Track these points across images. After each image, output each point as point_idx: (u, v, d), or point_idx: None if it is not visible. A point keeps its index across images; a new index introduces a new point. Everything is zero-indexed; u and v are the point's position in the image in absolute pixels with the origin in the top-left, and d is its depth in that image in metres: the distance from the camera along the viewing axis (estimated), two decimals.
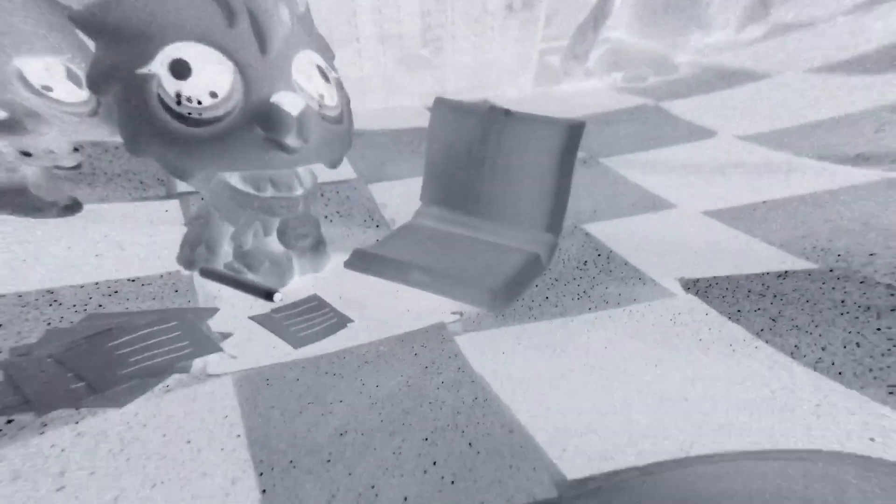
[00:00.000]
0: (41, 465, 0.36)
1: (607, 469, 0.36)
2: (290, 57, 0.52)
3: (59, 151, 0.65)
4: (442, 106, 0.73)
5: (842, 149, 0.95)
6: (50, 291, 0.54)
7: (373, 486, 0.36)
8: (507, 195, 0.69)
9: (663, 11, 1.66)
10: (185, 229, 0.65)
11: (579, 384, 0.46)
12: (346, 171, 0.99)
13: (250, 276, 0.61)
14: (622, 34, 1.70)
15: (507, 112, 0.68)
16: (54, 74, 0.61)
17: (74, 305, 0.53)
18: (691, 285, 0.61)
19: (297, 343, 0.52)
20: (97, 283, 0.57)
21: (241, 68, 0.49)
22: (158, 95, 0.47)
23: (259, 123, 0.49)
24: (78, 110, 0.63)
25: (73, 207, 0.70)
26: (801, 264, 0.64)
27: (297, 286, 0.62)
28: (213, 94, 0.48)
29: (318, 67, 0.55)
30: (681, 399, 0.44)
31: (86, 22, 0.47)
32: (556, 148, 0.65)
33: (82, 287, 0.56)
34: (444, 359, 0.50)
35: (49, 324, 0.50)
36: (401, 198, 0.86)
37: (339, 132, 0.59)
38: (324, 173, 0.65)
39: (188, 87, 0.47)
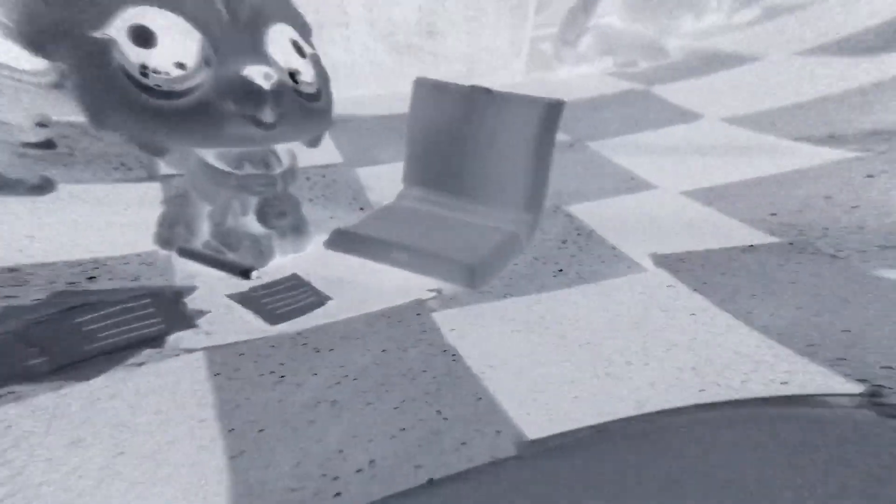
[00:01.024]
0: None
1: (566, 429, 0.37)
2: (262, 29, 0.51)
3: (17, 125, 0.62)
4: (423, 85, 0.72)
5: (818, 130, 0.98)
6: (13, 270, 0.53)
7: (340, 451, 0.37)
8: (488, 174, 0.69)
9: None
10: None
11: (549, 355, 0.47)
12: (332, 155, 0.99)
13: (229, 256, 0.61)
14: (613, 19, 1.69)
15: (488, 91, 0.68)
16: None
17: (41, 284, 0.52)
18: (662, 260, 0.63)
19: (273, 320, 0.53)
20: (69, 262, 0.57)
21: (209, 38, 0.48)
22: (122, 65, 0.46)
23: (230, 97, 0.49)
24: (35, 80, 0.56)
25: (43, 187, 0.67)
26: (766, 239, 0.67)
27: (278, 266, 0.62)
28: (181, 66, 0.47)
29: (293, 42, 0.55)
30: (639, 362, 0.45)
31: None
32: (535, 126, 0.65)
33: (51, 265, 0.55)
34: (419, 333, 0.51)
35: (9, 301, 0.49)
36: (387, 181, 0.86)
37: (317, 109, 0.58)
38: (310, 157, 0.65)
39: (154, 58, 0.46)
